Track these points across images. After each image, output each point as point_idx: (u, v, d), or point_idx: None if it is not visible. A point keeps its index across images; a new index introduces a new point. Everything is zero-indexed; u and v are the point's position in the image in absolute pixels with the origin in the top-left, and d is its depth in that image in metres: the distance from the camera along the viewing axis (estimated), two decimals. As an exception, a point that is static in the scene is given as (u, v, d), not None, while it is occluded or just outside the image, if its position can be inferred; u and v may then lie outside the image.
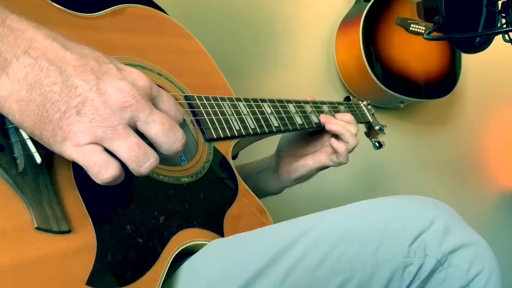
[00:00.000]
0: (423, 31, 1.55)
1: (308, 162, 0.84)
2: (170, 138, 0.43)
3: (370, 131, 0.99)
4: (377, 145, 0.98)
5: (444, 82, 1.61)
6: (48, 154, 0.46)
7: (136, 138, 0.41)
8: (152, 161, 0.42)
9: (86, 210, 0.47)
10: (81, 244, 0.45)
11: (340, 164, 0.82)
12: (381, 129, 0.97)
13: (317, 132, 0.85)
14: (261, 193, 0.86)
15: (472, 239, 0.52)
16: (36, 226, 0.42)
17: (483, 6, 0.95)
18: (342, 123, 0.83)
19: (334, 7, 1.58)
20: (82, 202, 0.47)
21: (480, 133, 1.97)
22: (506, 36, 0.91)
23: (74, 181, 0.47)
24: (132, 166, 0.41)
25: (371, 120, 0.98)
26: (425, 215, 0.52)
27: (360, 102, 0.99)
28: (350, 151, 0.83)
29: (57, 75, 0.39)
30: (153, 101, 0.44)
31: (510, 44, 0.91)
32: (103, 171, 0.40)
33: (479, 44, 1.00)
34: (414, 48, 1.54)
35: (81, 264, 0.44)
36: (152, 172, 0.43)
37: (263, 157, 0.93)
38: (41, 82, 0.39)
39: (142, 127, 0.42)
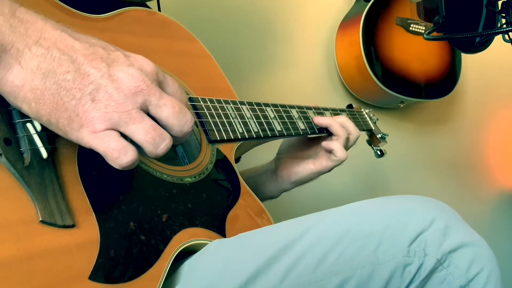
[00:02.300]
0: (423, 31, 1.55)
1: (310, 166, 0.84)
2: (181, 120, 0.45)
3: (372, 139, 1.00)
4: (379, 153, 0.98)
5: (444, 82, 1.61)
6: (54, 149, 0.47)
7: (150, 121, 0.43)
8: (167, 142, 0.44)
9: (90, 206, 0.47)
10: (84, 239, 0.45)
11: (340, 161, 0.82)
12: (383, 138, 0.98)
13: (318, 137, 0.86)
14: (259, 197, 0.86)
15: (472, 238, 0.52)
16: (41, 219, 0.43)
17: (483, 6, 0.95)
18: (330, 117, 0.83)
19: (334, 7, 1.58)
20: (87, 197, 0.47)
21: (480, 133, 1.97)
22: (506, 36, 0.91)
23: (79, 176, 0.48)
24: (149, 148, 0.43)
25: (373, 128, 0.98)
26: (425, 215, 0.52)
27: (362, 110, 1.00)
28: (347, 146, 0.83)
29: (69, 64, 0.40)
30: (160, 86, 0.45)
31: (510, 44, 0.91)
32: (122, 156, 0.41)
33: (479, 44, 1.00)
34: (414, 48, 1.54)
35: (84, 258, 0.45)
36: (165, 153, 0.44)
37: (264, 163, 0.94)
38: (54, 71, 0.40)
39: (153, 111, 0.44)
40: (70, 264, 0.43)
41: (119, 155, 0.41)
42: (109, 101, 0.41)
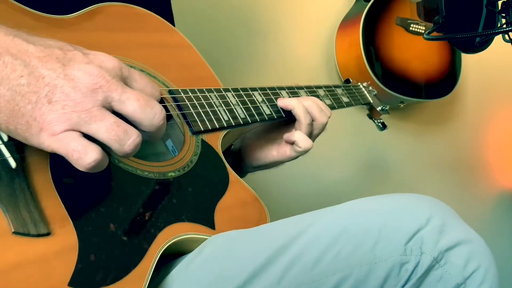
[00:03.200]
0: (423, 31, 1.55)
1: (272, 153, 0.77)
2: (148, 113, 0.42)
3: (372, 113, 0.96)
4: (381, 126, 0.95)
5: (444, 82, 1.61)
6: (23, 158, 0.45)
7: (113, 118, 0.41)
8: (134, 138, 0.41)
9: (66, 212, 0.46)
10: (62, 246, 0.44)
11: (305, 150, 0.73)
12: (383, 110, 0.94)
13: (289, 121, 0.78)
14: None
15: (469, 236, 0.52)
16: (13, 230, 0.42)
17: (483, 6, 0.95)
18: (295, 99, 0.74)
19: (334, 7, 1.58)
20: (62, 203, 0.46)
21: (480, 133, 1.97)
22: (506, 36, 0.91)
23: (53, 183, 0.47)
24: (115, 146, 0.41)
25: (371, 101, 0.94)
26: (421, 213, 0.52)
27: (359, 83, 0.96)
28: (311, 133, 0.75)
29: (23, 68, 0.39)
30: (125, 81, 0.43)
31: (510, 44, 0.91)
32: (83, 156, 0.39)
33: (479, 44, 1.01)
34: (414, 48, 1.54)
35: (62, 265, 0.43)
36: (136, 151, 0.42)
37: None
38: (7, 77, 0.38)
39: (117, 107, 0.42)
40: (48, 273, 0.42)
41: (80, 156, 0.39)
42: (67, 101, 0.39)
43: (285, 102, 0.74)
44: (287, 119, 0.76)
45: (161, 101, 0.48)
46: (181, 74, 0.70)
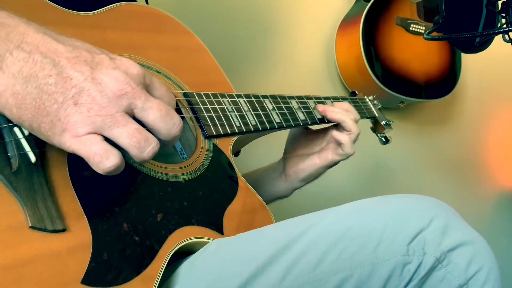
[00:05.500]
0: (423, 31, 1.56)
1: (315, 161, 0.82)
2: (168, 123, 0.43)
3: (376, 126, 0.97)
4: (384, 140, 0.96)
5: (444, 82, 1.61)
6: (43, 153, 0.46)
7: (135, 125, 0.42)
8: (153, 146, 0.42)
9: (82, 209, 0.46)
10: (76, 243, 0.45)
11: (347, 155, 0.81)
12: (387, 124, 0.95)
13: (321, 131, 0.84)
14: (270, 197, 0.86)
15: (471, 237, 0.52)
16: (30, 225, 0.42)
17: (483, 6, 0.95)
18: (342, 111, 0.81)
19: (334, 7, 1.58)
20: (78, 200, 0.46)
21: (480, 133, 1.97)
22: (506, 36, 0.91)
23: (70, 180, 0.47)
24: (134, 152, 0.42)
25: (376, 115, 0.96)
26: (424, 214, 0.52)
27: (365, 97, 0.98)
28: (354, 141, 0.81)
29: (52, 68, 0.39)
30: (146, 89, 0.44)
31: (510, 44, 0.91)
32: (104, 160, 0.40)
33: (479, 44, 1.00)
34: (414, 48, 1.54)
35: (76, 262, 0.44)
36: (151, 158, 0.43)
37: (264, 156, 0.93)
38: (36, 75, 0.39)
39: (139, 114, 0.43)
40: (61, 269, 0.42)
41: (101, 160, 0.40)
42: (92, 104, 0.40)
43: (332, 116, 0.80)
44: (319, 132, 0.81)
45: (176, 104, 0.49)
46: (195, 77, 0.70)
